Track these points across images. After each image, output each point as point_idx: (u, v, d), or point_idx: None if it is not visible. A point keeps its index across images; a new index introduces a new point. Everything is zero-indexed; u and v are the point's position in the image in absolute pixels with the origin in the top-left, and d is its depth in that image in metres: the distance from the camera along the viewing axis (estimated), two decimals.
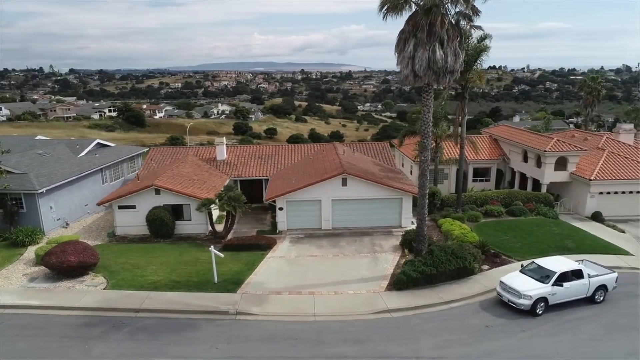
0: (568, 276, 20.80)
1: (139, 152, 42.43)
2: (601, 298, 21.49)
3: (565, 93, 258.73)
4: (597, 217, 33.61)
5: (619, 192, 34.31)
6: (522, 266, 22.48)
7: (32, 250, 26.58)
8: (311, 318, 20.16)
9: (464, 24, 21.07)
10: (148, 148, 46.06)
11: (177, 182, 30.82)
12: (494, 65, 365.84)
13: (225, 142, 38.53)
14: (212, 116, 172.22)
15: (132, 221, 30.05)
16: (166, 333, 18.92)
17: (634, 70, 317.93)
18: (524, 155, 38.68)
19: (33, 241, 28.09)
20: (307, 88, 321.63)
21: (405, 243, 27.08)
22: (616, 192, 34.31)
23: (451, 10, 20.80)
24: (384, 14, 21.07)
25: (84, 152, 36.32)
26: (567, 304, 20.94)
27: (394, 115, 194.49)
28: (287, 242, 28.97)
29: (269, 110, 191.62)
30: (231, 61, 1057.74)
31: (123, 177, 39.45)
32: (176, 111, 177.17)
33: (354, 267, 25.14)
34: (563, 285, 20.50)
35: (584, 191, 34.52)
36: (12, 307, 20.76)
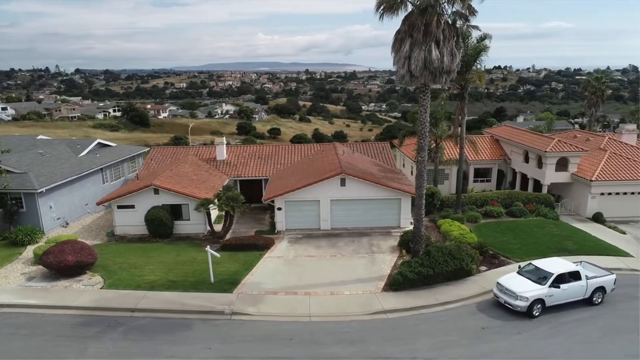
0: (565, 278, 20.67)
1: (140, 152, 42.55)
2: (599, 300, 21.32)
3: (570, 93, 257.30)
4: (598, 218, 33.38)
5: (621, 193, 34.06)
6: (520, 267, 22.37)
7: (31, 249, 26.69)
8: (306, 318, 20.13)
9: (461, 24, 20.96)
10: (149, 148, 46.17)
11: (176, 182, 30.87)
12: (499, 65, 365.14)
13: (225, 142, 38.57)
14: (216, 116, 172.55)
15: (131, 221, 30.13)
16: (161, 333, 18.95)
17: None
18: (525, 155, 38.47)
19: (32, 240, 28.21)
20: (312, 88, 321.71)
21: (403, 244, 27.01)
22: (617, 193, 34.06)
23: (448, 10, 20.73)
24: (381, 14, 21.05)
25: (85, 152, 36.47)
26: (565, 306, 20.80)
27: (399, 115, 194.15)
28: (286, 242, 28.96)
29: (273, 110, 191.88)
30: (236, 61, 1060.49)
31: (124, 177, 39.57)
32: (180, 111, 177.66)
33: (351, 268, 25.08)
34: (560, 286, 20.36)
35: (585, 192, 34.29)
36: (9, 306, 20.83)
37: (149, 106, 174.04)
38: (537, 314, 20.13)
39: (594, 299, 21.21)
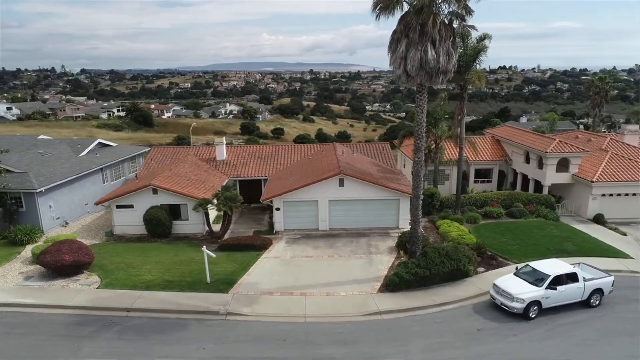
0: (562, 279, 20.51)
1: (141, 152, 42.64)
2: (597, 302, 21.15)
3: (576, 93, 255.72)
4: (599, 220, 33.14)
5: (622, 194, 33.81)
6: (517, 269, 22.23)
7: (30, 249, 26.76)
8: (301, 319, 20.08)
9: (457, 24, 20.83)
10: (149, 148, 46.26)
11: (175, 182, 30.91)
12: (504, 65, 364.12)
13: (224, 142, 38.59)
14: (220, 116, 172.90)
15: (130, 220, 30.20)
16: (155, 333, 18.96)
17: None
18: (526, 156, 38.25)
19: (31, 240, 28.30)
20: (316, 88, 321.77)
21: (400, 244, 26.91)
22: (619, 194, 33.81)
23: (444, 10, 20.61)
24: (377, 14, 20.94)
25: (85, 152, 36.57)
26: (562, 308, 20.65)
27: (403, 115, 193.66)
28: (283, 243, 28.92)
29: (277, 110, 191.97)
30: (241, 61, 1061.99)
31: (124, 177, 39.67)
32: (184, 111, 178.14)
33: (349, 268, 25.01)
34: (557, 288, 20.21)
35: (586, 193, 34.05)
36: (6, 305, 20.90)
37: (153, 106, 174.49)
38: (534, 316, 19.99)
39: (592, 301, 21.04)
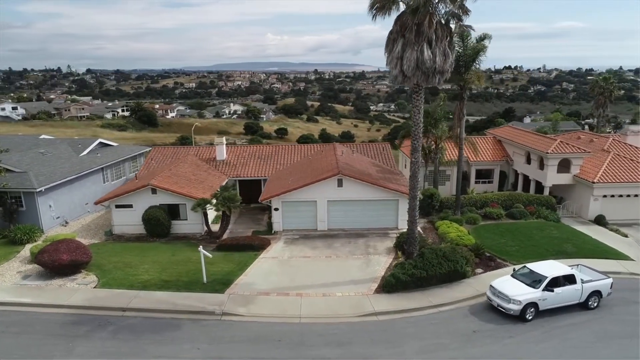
0: (560, 281, 20.34)
1: (141, 152, 42.76)
2: (595, 304, 20.96)
3: (582, 94, 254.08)
4: (600, 221, 32.89)
5: (624, 195, 33.53)
6: (514, 270, 22.08)
7: (29, 248, 26.89)
8: (297, 320, 20.03)
9: (454, 24, 20.72)
10: (150, 147, 46.37)
11: (174, 182, 30.95)
12: (510, 65, 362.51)
13: (224, 142, 38.62)
14: (224, 116, 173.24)
15: (129, 220, 30.27)
16: (150, 332, 18.96)
17: None
18: (527, 157, 38.01)
19: (31, 239, 28.41)
20: (320, 88, 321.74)
21: (399, 245, 26.79)
22: (621, 195, 33.54)
23: (441, 9, 20.49)
24: (374, 14, 20.88)
25: (86, 152, 36.72)
26: (560, 310, 20.48)
27: (407, 115, 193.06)
28: (282, 243, 28.89)
29: (281, 110, 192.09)
30: (245, 61, 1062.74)
31: (125, 177, 39.79)
32: (188, 111, 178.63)
33: (346, 269, 24.94)
34: (554, 290, 20.04)
35: (588, 194, 33.79)
36: (3, 304, 20.96)
37: (157, 106, 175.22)
38: (531, 318, 19.85)
39: (590, 303, 20.85)
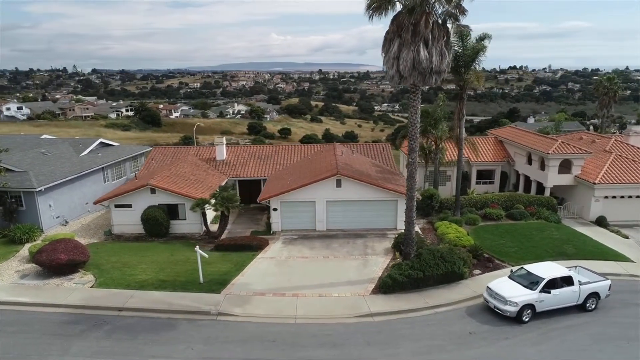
0: (557, 283, 20.18)
1: (142, 152, 42.85)
2: (593, 306, 20.80)
3: (587, 94, 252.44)
4: (602, 222, 32.62)
5: (625, 197, 33.24)
6: (512, 271, 21.95)
7: (28, 247, 27.00)
8: (292, 320, 20.01)
9: (451, 24, 20.61)
10: (151, 147, 46.49)
11: (173, 182, 31.00)
12: (515, 65, 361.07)
13: (224, 142, 38.65)
14: (228, 116, 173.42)
15: (128, 220, 30.36)
16: (145, 332, 18.99)
17: None
18: (528, 157, 37.79)
19: (30, 238, 28.54)
20: (325, 88, 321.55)
21: (396, 246, 26.69)
22: (622, 197, 33.26)
23: (437, 9, 20.38)
24: (370, 15, 20.80)
25: (86, 151, 36.86)
26: (557, 312, 20.33)
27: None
28: (280, 243, 28.87)
29: (285, 110, 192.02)
30: (250, 61, 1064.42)
31: (125, 176, 39.91)
32: (192, 111, 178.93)
33: (343, 270, 24.88)
34: (551, 292, 19.88)
35: (589, 195, 33.54)
36: (0, 304, 21.08)
37: (161, 106, 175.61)
38: (527, 320, 19.73)
39: (587, 305, 20.69)
